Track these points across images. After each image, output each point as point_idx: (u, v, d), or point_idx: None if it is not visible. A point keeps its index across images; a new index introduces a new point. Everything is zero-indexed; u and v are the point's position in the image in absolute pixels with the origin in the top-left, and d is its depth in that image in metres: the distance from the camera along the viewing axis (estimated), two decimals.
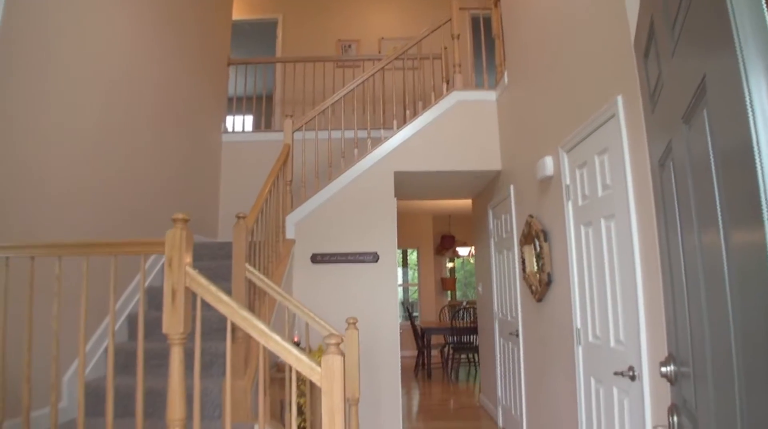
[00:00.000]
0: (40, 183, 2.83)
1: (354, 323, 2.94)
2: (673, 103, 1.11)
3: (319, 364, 1.76)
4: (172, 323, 1.91)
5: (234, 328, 2.46)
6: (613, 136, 2.43)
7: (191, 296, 1.98)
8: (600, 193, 2.62)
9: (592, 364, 2.73)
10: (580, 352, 2.89)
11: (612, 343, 2.49)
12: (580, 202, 2.89)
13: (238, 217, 3.18)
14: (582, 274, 2.86)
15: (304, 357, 1.83)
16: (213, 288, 1.96)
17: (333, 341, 1.77)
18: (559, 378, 3.26)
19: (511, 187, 4.35)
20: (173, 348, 1.90)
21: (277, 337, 1.88)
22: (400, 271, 10.58)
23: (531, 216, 3.70)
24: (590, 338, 2.76)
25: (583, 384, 2.84)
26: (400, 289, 10.61)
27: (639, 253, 2.22)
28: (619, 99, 2.34)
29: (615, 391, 2.46)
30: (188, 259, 1.98)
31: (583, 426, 2.83)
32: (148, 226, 4.05)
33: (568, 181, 3.04)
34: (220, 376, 3.25)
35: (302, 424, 3.19)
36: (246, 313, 1.93)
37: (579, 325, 2.90)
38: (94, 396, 3.00)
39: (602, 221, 2.58)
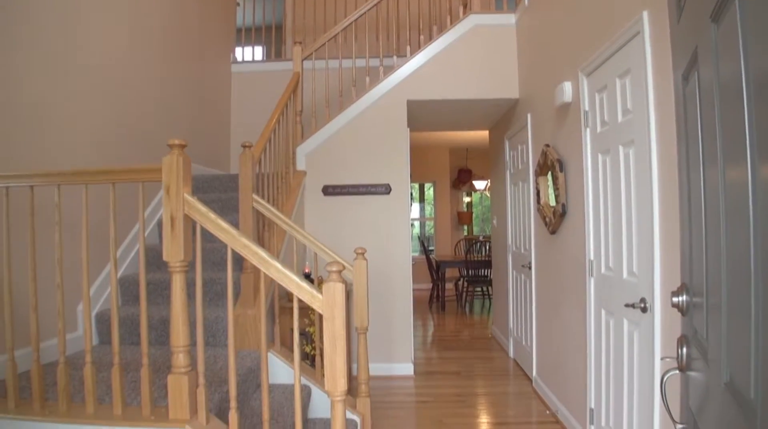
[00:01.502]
0: (45, 115, 2.76)
1: (362, 253, 2.91)
2: (700, 1, 0.98)
3: (321, 291, 1.73)
4: (172, 251, 1.89)
5: (241, 257, 2.45)
6: (636, 55, 2.25)
7: (191, 224, 1.94)
8: (620, 118, 2.47)
9: (604, 296, 2.69)
10: (592, 284, 2.84)
11: (625, 275, 2.43)
12: (598, 129, 2.74)
13: (244, 147, 3.11)
14: (597, 205, 2.76)
15: (305, 284, 1.80)
16: (212, 215, 1.91)
17: (334, 268, 1.73)
18: (569, 310, 3.23)
19: (528, 115, 4.18)
20: (174, 276, 1.89)
21: (278, 265, 1.85)
22: (416, 205, 10.53)
23: (547, 145, 3.56)
24: (603, 270, 2.70)
25: (594, 316, 2.81)
26: (417, 224, 10.60)
27: (657, 181, 2.10)
28: (645, 15, 2.15)
29: (625, 323, 2.42)
30: (187, 185, 1.93)
31: (592, 357, 2.83)
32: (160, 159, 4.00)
33: (587, 107, 2.88)
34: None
35: (312, 352, 3.25)
36: (246, 241, 1.90)
37: (592, 257, 2.83)
38: (110, 324, 3.07)
39: (620, 149, 2.45)
